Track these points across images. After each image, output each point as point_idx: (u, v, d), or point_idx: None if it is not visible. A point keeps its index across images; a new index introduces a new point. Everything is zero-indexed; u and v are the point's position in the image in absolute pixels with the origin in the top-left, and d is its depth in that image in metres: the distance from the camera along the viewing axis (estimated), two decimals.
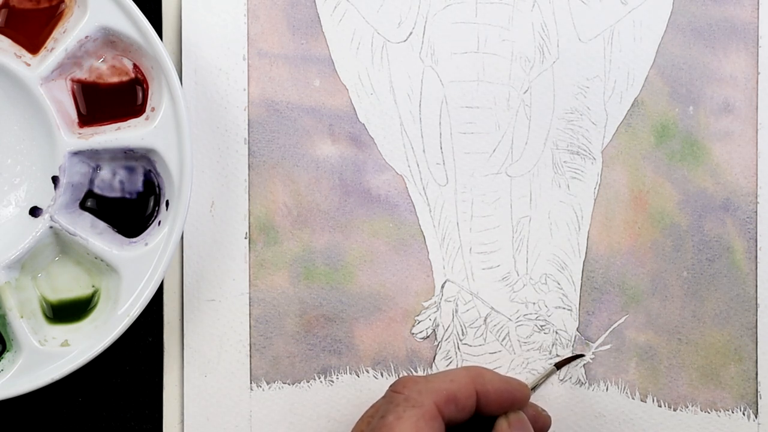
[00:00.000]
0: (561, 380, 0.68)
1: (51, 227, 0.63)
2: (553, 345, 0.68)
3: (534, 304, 0.68)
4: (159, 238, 0.64)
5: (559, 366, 0.67)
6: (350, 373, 0.68)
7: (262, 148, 0.67)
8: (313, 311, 0.67)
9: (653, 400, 0.68)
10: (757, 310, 0.68)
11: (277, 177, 0.67)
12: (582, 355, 0.67)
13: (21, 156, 0.65)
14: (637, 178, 0.68)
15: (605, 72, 0.68)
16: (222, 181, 0.67)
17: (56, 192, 0.64)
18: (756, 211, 0.68)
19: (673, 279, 0.68)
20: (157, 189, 0.65)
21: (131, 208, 0.65)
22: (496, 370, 0.65)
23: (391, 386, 0.61)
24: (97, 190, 0.65)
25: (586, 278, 0.68)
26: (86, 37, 0.63)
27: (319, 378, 0.67)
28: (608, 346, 0.68)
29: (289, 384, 0.67)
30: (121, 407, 0.67)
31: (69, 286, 0.65)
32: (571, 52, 0.68)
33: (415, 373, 0.68)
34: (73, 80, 0.64)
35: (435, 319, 0.68)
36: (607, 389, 0.68)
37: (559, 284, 0.68)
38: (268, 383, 0.67)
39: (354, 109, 0.68)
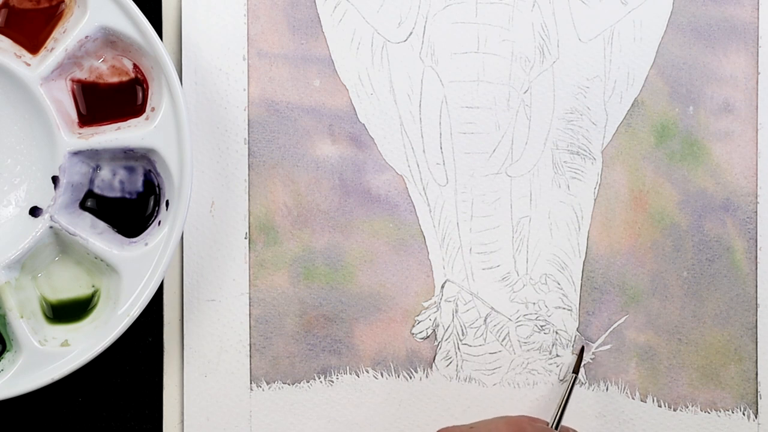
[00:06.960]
0: (561, 380, 0.68)
1: (51, 227, 0.63)
2: (553, 345, 0.68)
3: (534, 304, 0.68)
4: (159, 238, 0.64)
5: (576, 371, 0.67)
6: (350, 373, 0.68)
7: (262, 148, 0.67)
8: (313, 311, 0.67)
9: (653, 400, 0.68)
10: (757, 310, 0.68)
11: (277, 177, 0.67)
12: (583, 347, 0.67)
13: (21, 156, 0.65)
14: (637, 178, 0.68)
15: (605, 72, 0.68)
16: (222, 181, 0.67)
17: (56, 192, 0.64)
18: (756, 211, 0.68)
19: (673, 279, 0.68)
20: (157, 189, 0.65)
21: (131, 208, 0.65)
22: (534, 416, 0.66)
23: None
24: (97, 190, 0.65)
25: (586, 278, 0.68)
26: (86, 37, 0.63)
27: (319, 378, 0.67)
28: (608, 346, 0.68)
29: (289, 384, 0.67)
30: (121, 407, 0.67)
31: (69, 286, 0.65)
32: (571, 52, 0.68)
33: (414, 374, 0.68)
34: (73, 80, 0.64)
35: (435, 319, 0.68)
36: (607, 389, 0.68)
37: (559, 284, 0.68)
38: (268, 383, 0.67)
39: (354, 109, 0.68)
